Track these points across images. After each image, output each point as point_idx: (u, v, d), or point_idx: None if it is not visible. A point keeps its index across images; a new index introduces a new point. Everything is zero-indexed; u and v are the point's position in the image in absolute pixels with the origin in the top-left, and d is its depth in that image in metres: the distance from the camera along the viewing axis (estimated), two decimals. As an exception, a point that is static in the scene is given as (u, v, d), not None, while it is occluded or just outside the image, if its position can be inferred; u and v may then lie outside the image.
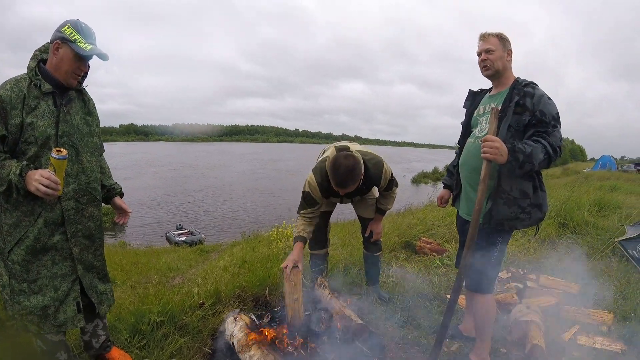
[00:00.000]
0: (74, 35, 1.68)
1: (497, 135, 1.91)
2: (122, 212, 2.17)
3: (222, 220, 24.01)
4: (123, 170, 44.00)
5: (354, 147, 2.69)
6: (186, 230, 19.26)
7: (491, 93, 2.22)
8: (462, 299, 2.97)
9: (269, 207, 26.53)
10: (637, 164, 36.79)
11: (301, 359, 2.16)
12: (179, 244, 14.97)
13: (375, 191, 2.97)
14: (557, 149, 1.91)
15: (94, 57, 1.77)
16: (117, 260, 6.55)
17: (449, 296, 3.18)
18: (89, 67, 1.82)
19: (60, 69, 1.72)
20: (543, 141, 1.89)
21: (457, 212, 2.49)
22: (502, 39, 2.07)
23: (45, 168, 1.63)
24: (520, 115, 1.97)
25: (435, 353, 2.11)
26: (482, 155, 1.87)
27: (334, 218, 3.55)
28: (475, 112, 2.28)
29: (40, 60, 1.76)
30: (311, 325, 2.50)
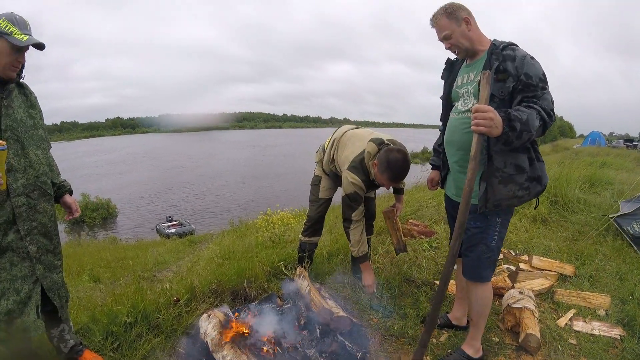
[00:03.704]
0: (10, 28, 1.64)
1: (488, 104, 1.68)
2: (72, 210, 2.08)
3: (216, 209, 23.83)
4: (121, 164, 43.54)
5: (383, 136, 2.69)
6: (176, 222, 19.05)
7: (468, 62, 2.04)
8: (452, 285, 2.83)
9: (263, 193, 26.42)
10: (626, 140, 37.27)
11: (277, 357, 2.01)
12: (168, 236, 14.77)
13: None
14: (551, 112, 1.73)
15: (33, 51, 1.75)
16: (104, 257, 6.37)
17: (438, 282, 3.04)
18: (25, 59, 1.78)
19: None
20: (535, 106, 1.70)
21: (445, 194, 2.32)
22: (450, 14, 1.88)
23: None
24: (503, 82, 1.77)
25: (421, 351, 1.92)
26: (472, 128, 1.65)
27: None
28: (455, 84, 2.10)
29: None
30: (289, 320, 2.36)
